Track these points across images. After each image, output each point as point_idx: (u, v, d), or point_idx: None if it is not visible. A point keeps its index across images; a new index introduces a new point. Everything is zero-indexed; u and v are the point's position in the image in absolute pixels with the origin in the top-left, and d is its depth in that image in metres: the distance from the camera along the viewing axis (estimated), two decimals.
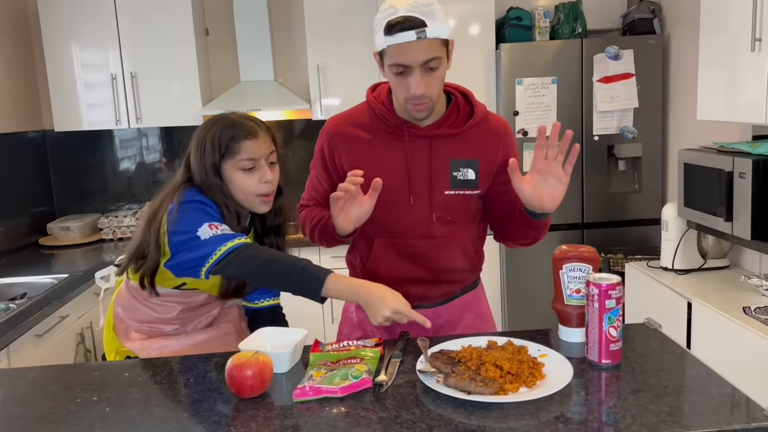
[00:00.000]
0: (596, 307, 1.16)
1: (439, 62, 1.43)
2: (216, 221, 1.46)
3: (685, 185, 2.77)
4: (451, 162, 1.56)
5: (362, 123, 1.60)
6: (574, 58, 3.44)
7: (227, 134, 1.51)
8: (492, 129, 1.59)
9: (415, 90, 1.43)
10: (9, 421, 1.11)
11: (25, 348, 2.36)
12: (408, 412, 1.05)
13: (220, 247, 1.42)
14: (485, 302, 1.78)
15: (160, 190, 1.60)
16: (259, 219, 1.65)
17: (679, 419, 0.98)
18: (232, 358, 1.14)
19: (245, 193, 1.53)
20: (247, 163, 1.51)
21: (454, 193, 1.56)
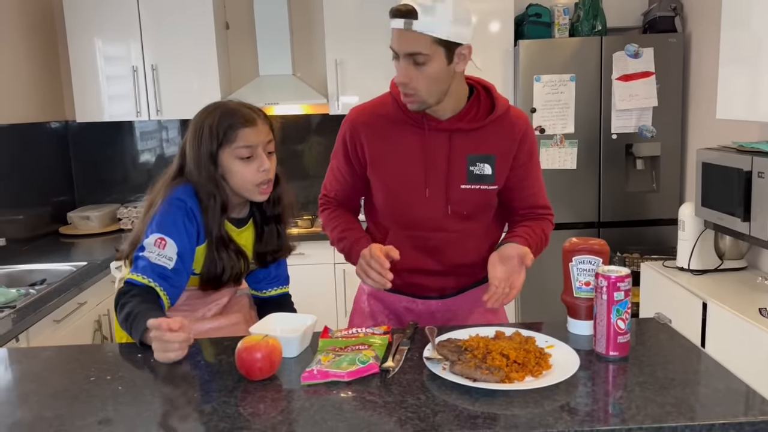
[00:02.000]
0: (605, 299, 1.16)
1: (426, 59, 1.42)
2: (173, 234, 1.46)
3: (702, 185, 2.74)
4: (468, 157, 1.56)
5: (385, 113, 1.61)
6: (594, 56, 3.42)
7: (225, 122, 1.50)
8: (511, 125, 1.59)
9: (397, 77, 1.47)
10: (25, 396, 1.14)
11: (43, 333, 2.41)
12: (413, 398, 1.06)
13: (133, 271, 1.45)
14: None
15: (157, 180, 1.61)
16: (258, 208, 1.65)
17: (684, 411, 0.98)
18: (242, 341, 1.16)
19: (243, 182, 1.52)
20: (244, 151, 1.50)
21: (470, 188, 1.57)
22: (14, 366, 1.30)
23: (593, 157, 3.51)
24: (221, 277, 1.57)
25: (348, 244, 1.60)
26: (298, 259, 3.51)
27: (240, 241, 1.61)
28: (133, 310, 1.36)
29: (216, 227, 1.53)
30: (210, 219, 1.52)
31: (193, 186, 1.53)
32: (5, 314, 2.28)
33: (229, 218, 1.59)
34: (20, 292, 2.51)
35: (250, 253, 1.64)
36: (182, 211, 1.49)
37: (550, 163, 3.50)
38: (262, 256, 1.67)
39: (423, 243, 1.62)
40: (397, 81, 1.48)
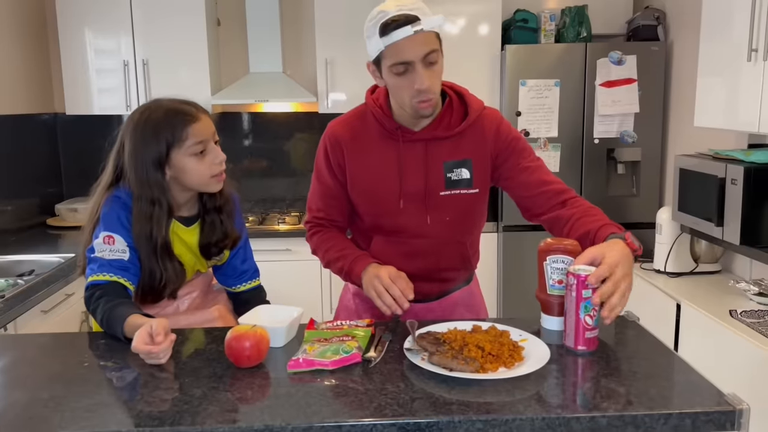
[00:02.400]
0: (573, 296, 1.23)
1: (437, 55, 1.46)
2: (119, 230, 1.46)
3: (680, 190, 2.83)
4: (444, 164, 1.58)
5: (362, 126, 1.62)
6: (578, 62, 3.50)
7: (171, 122, 1.46)
8: (482, 126, 1.60)
9: (421, 84, 1.44)
10: (21, 379, 1.18)
11: (31, 323, 2.44)
12: (393, 386, 1.12)
13: (90, 274, 1.46)
14: (478, 296, 1.83)
15: (93, 189, 1.58)
16: (200, 201, 1.62)
17: (645, 401, 1.05)
18: (232, 330, 1.22)
19: (199, 177, 1.50)
20: (197, 147, 1.47)
21: (449, 193, 1.59)
22: (9, 351, 1.34)
23: (575, 161, 3.59)
24: (161, 288, 1.55)
25: (348, 262, 1.58)
26: (285, 255, 3.57)
27: (189, 239, 1.61)
28: (104, 312, 1.37)
29: (161, 234, 1.50)
30: (155, 225, 1.49)
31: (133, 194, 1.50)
32: None
33: (178, 217, 1.58)
34: (8, 282, 2.54)
35: (197, 251, 1.63)
36: (124, 208, 1.50)
37: None
38: (206, 248, 1.64)
39: (406, 249, 1.63)
40: (419, 88, 1.44)
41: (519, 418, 1.00)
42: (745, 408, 1.03)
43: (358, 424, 1.00)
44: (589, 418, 1.01)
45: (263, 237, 3.44)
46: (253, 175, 4.09)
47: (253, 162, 4.09)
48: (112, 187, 1.55)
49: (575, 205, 1.57)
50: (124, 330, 1.32)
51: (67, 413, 1.03)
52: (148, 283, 1.53)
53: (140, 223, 1.49)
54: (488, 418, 1.00)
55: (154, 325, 1.22)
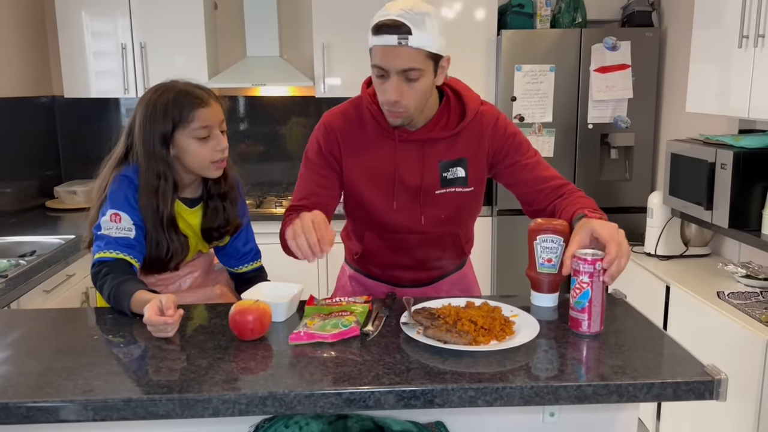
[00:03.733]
0: (601, 281, 1.26)
1: (419, 74, 1.41)
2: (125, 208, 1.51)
3: (671, 174, 2.88)
4: (440, 163, 1.58)
5: (358, 121, 1.60)
6: (573, 47, 3.53)
7: (180, 103, 1.51)
8: (479, 125, 1.59)
9: (389, 95, 1.42)
10: (32, 351, 1.23)
11: (34, 302, 2.49)
12: (390, 357, 1.17)
13: (97, 251, 1.50)
14: (472, 277, 1.89)
15: (105, 162, 1.63)
16: (205, 186, 1.67)
17: (629, 372, 1.11)
18: (236, 305, 1.27)
19: (199, 161, 1.54)
20: (201, 131, 1.52)
21: (445, 192, 1.59)
22: (20, 325, 1.39)
23: (569, 145, 3.63)
24: (167, 260, 1.59)
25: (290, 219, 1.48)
26: None
27: (192, 220, 1.66)
28: (111, 288, 1.42)
29: (167, 207, 1.55)
30: (161, 199, 1.54)
31: (139, 169, 1.55)
32: None
33: (182, 198, 1.63)
34: (11, 262, 2.58)
35: (199, 233, 1.68)
36: (132, 187, 1.54)
37: None
38: (208, 233, 1.68)
39: (399, 244, 1.66)
40: (387, 99, 1.44)
41: (509, 387, 1.06)
42: (723, 378, 1.09)
43: (357, 392, 1.05)
44: (575, 386, 1.07)
45: (260, 220, 3.47)
46: (250, 159, 4.12)
47: (250, 146, 4.12)
48: (122, 164, 1.59)
49: (570, 196, 1.58)
50: (130, 305, 1.36)
51: (80, 381, 1.08)
52: (154, 255, 1.58)
53: (147, 196, 1.54)
54: (480, 386, 1.06)
55: (164, 299, 1.27)
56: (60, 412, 1.02)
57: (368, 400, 1.06)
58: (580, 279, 1.25)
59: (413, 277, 1.73)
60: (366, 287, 1.78)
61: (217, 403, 1.04)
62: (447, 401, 1.06)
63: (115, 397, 1.03)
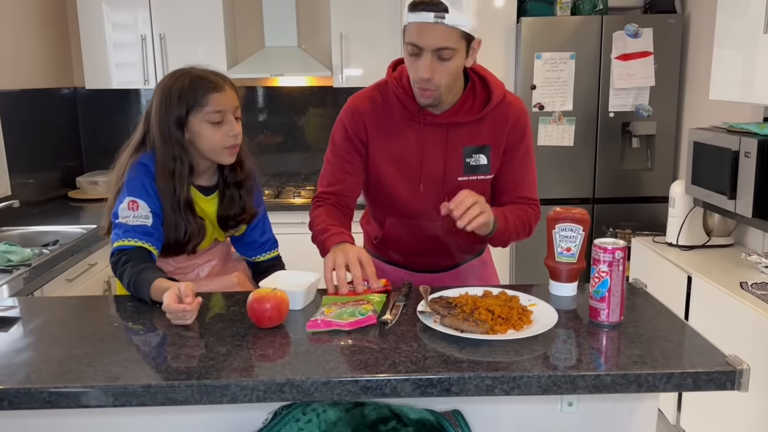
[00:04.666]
0: (621, 270, 1.24)
1: (452, 53, 1.42)
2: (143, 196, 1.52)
3: (693, 163, 2.84)
4: (464, 149, 1.59)
5: (383, 102, 1.61)
6: (594, 35, 3.49)
7: (195, 87, 1.53)
8: (504, 113, 1.59)
9: (423, 73, 1.43)
10: (55, 338, 1.25)
11: (56, 291, 2.53)
12: (407, 345, 1.17)
13: (115, 239, 1.52)
14: (491, 266, 1.88)
15: (123, 148, 1.65)
16: (221, 174, 1.68)
17: (648, 361, 1.09)
18: (253, 293, 1.28)
19: (212, 145, 1.56)
20: (215, 116, 1.53)
21: (467, 179, 1.60)
22: (45, 312, 1.41)
23: (590, 134, 3.59)
24: (185, 242, 1.61)
25: (327, 236, 1.52)
26: (300, 228, 3.59)
27: (208, 208, 1.67)
28: (131, 276, 1.44)
29: (183, 190, 1.57)
30: (177, 181, 1.56)
31: (156, 153, 1.57)
32: (21, 272, 2.40)
33: (198, 185, 1.65)
34: (34, 251, 2.63)
35: (215, 221, 1.69)
36: (148, 174, 1.56)
37: (547, 140, 3.59)
38: (224, 221, 1.70)
39: (419, 231, 1.66)
40: (420, 77, 1.45)
41: (526, 376, 1.05)
42: (745, 368, 1.07)
43: (373, 379, 1.05)
44: (593, 376, 1.06)
45: (279, 210, 3.50)
46: (269, 150, 4.13)
47: (269, 136, 4.14)
48: (139, 150, 1.61)
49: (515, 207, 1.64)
50: (150, 293, 1.38)
51: (101, 368, 1.10)
52: (172, 237, 1.59)
53: (164, 179, 1.56)
54: (497, 375, 1.05)
55: (182, 287, 1.28)
56: (81, 398, 1.04)
57: (385, 387, 1.06)
58: (599, 268, 1.24)
59: (432, 262, 1.74)
60: (384, 273, 1.78)
61: (235, 389, 1.05)
62: (463, 389, 1.05)
63: (135, 383, 1.04)
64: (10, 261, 2.47)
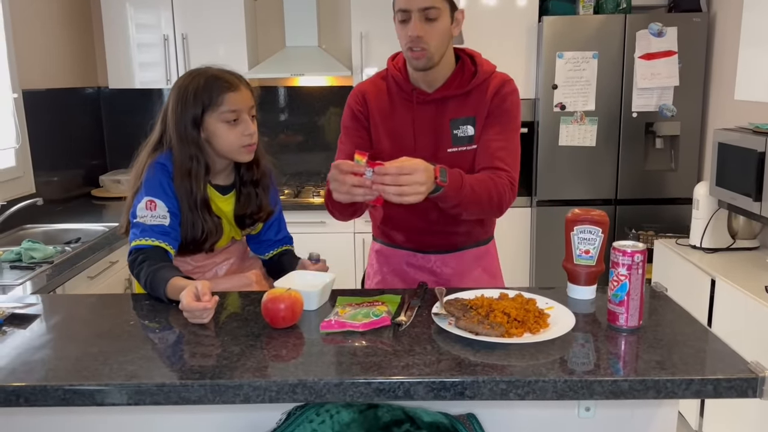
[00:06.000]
0: (640, 274, 1.22)
1: (438, 13, 1.53)
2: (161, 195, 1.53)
3: (718, 164, 2.79)
4: (451, 122, 1.65)
5: (384, 86, 1.72)
6: (617, 34, 3.44)
7: (211, 86, 1.54)
8: (488, 85, 1.65)
9: (412, 31, 1.54)
10: (73, 335, 1.27)
11: (78, 288, 2.56)
12: (421, 347, 1.16)
13: (133, 239, 1.52)
14: (496, 260, 1.88)
15: (141, 148, 1.66)
16: (237, 173, 1.69)
17: (667, 367, 1.07)
18: (268, 293, 1.28)
19: (228, 145, 1.57)
20: (230, 115, 1.54)
21: (456, 150, 1.66)
22: (63, 309, 1.43)
23: (613, 135, 3.55)
24: (202, 241, 1.62)
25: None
26: (319, 228, 3.63)
27: (225, 207, 1.67)
28: (148, 275, 1.45)
29: (200, 189, 1.58)
30: (194, 181, 1.57)
31: (173, 152, 1.58)
32: (43, 269, 2.43)
33: (215, 185, 1.65)
34: (57, 249, 2.66)
35: (232, 219, 1.70)
36: (167, 174, 1.57)
37: (569, 140, 3.55)
38: (241, 219, 1.71)
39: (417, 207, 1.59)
40: (410, 36, 1.54)
41: (542, 380, 1.04)
42: (767, 375, 1.04)
43: (386, 382, 1.05)
44: (611, 381, 1.04)
45: (298, 210, 3.51)
46: (289, 149, 4.15)
47: (289, 136, 4.15)
48: (157, 151, 1.62)
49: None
50: (166, 291, 1.39)
51: (116, 366, 1.11)
52: (190, 236, 1.60)
53: (181, 178, 1.57)
54: (511, 379, 1.04)
55: (199, 286, 1.29)
56: (96, 396, 1.04)
57: (398, 390, 1.05)
58: (618, 271, 1.22)
59: (435, 242, 1.76)
60: (389, 259, 1.82)
61: (248, 389, 1.05)
62: (477, 393, 1.04)
63: (149, 382, 1.05)
64: (33, 258, 2.51)
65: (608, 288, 1.25)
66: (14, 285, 2.29)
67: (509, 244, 3.71)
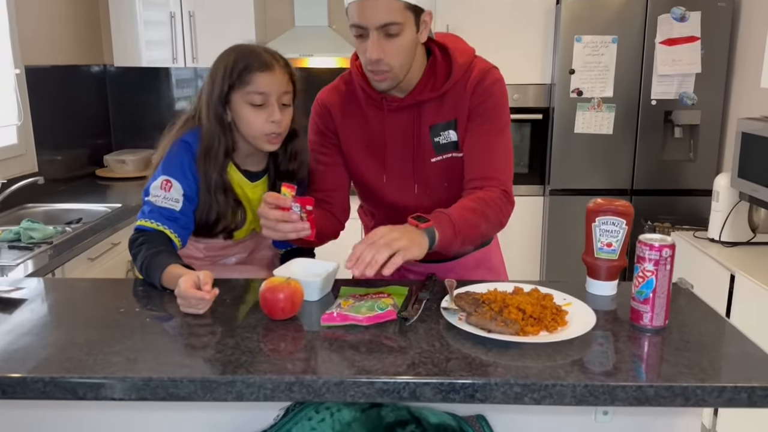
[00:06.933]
0: (668, 270, 1.13)
1: (400, 29, 1.32)
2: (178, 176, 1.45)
3: (741, 155, 2.68)
4: (431, 128, 1.48)
5: (349, 92, 1.54)
6: (638, 18, 3.32)
7: (241, 63, 1.42)
8: (466, 81, 1.45)
9: (371, 54, 1.33)
10: (60, 322, 1.19)
11: (78, 269, 2.49)
12: (428, 344, 1.08)
13: (140, 217, 1.44)
14: (498, 256, 1.77)
15: (174, 122, 1.57)
16: (273, 162, 1.58)
17: (697, 372, 0.99)
18: (266, 282, 1.20)
19: (251, 129, 1.46)
20: (257, 97, 1.42)
21: (441, 159, 1.49)
22: (52, 294, 1.36)
23: (630, 123, 3.44)
24: (215, 224, 1.53)
25: None
26: None
27: (252, 195, 1.57)
28: (145, 258, 1.36)
29: (216, 171, 1.48)
30: (211, 162, 1.47)
31: (201, 129, 1.49)
32: (42, 249, 2.37)
33: (244, 170, 1.56)
34: (57, 229, 2.60)
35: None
36: (189, 154, 1.47)
37: (585, 128, 3.44)
38: None
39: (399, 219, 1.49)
40: (369, 59, 1.35)
41: (560, 384, 0.95)
42: None
43: (390, 382, 0.97)
44: (635, 387, 0.95)
45: None
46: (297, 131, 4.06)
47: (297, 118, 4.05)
48: (188, 125, 1.53)
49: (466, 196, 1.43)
50: (162, 278, 1.31)
51: (100, 357, 1.03)
52: (204, 218, 1.51)
53: (204, 156, 1.48)
54: (527, 382, 0.96)
55: (201, 275, 1.21)
56: (78, 390, 0.97)
57: (402, 391, 0.97)
58: (644, 267, 1.13)
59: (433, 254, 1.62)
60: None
61: (241, 386, 0.97)
62: (489, 396, 0.96)
63: (135, 376, 0.97)
64: (32, 238, 2.45)
65: (632, 284, 1.16)
66: (12, 266, 2.23)
67: (519, 234, 3.62)
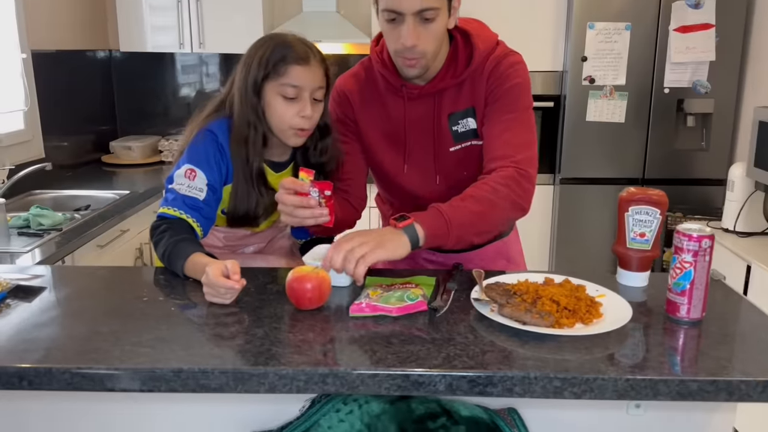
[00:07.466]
0: (707, 261, 1.10)
1: (436, 14, 1.30)
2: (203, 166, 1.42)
3: (758, 144, 2.65)
4: (449, 117, 1.46)
5: (368, 79, 1.52)
6: (652, 4, 3.28)
7: (278, 54, 1.40)
8: (483, 66, 1.43)
9: (406, 40, 1.31)
10: (81, 311, 1.17)
11: (87, 256, 2.47)
12: (461, 336, 1.06)
13: (163, 204, 1.42)
14: (518, 247, 1.76)
15: (200, 109, 1.55)
16: (302, 153, 1.55)
17: (739, 366, 0.96)
18: (293, 271, 1.17)
19: (280, 122, 1.43)
20: (290, 90, 1.40)
21: (460, 147, 1.47)
22: (70, 282, 1.33)
23: (643, 111, 3.40)
24: (254, 214, 1.50)
25: None
26: None
27: (277, 185, 1.51)
28: (168, 246, 1.34)
29: (257, 159, 1.46)
30: (251, 149, 1.45)
31: (231, 120, 1.47)
32: (52, 236, 2.35)
33: (267, 160, 1.53)
34: (66, 216, 2.57)
35: None
36: (214, 145, 1.45)
37: (597, 116, 3.40)
38: None
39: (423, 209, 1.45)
40: (404, 45, 1.32)
41: (601, 378, 0.93)
42: None
43: (426, 374, 0.94)
44: (678, 381, 0.93)
45: None
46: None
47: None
48: (218, 112, 1.50)
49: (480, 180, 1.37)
50: (184, 267, 1.29)
51: (127, 347, 1.01)
52: (242, 209, 1.49)
53: (237, 145, 1.45)
54: (567, 376, 0.93)
55: (229, 264, 1.19)
56: (106, 381, 0.95)
57: (439, 384, 0.94)
58: (682, 258, 1.10)
59: None
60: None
61: (273, 378, 0.95)
62: (528, 391, 0.94)
63: (164, 367, 0.95)
64: (41, 225, 2.42)
65: (669, 276, 1.13)
66: (22, 252, 2.20)
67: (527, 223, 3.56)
